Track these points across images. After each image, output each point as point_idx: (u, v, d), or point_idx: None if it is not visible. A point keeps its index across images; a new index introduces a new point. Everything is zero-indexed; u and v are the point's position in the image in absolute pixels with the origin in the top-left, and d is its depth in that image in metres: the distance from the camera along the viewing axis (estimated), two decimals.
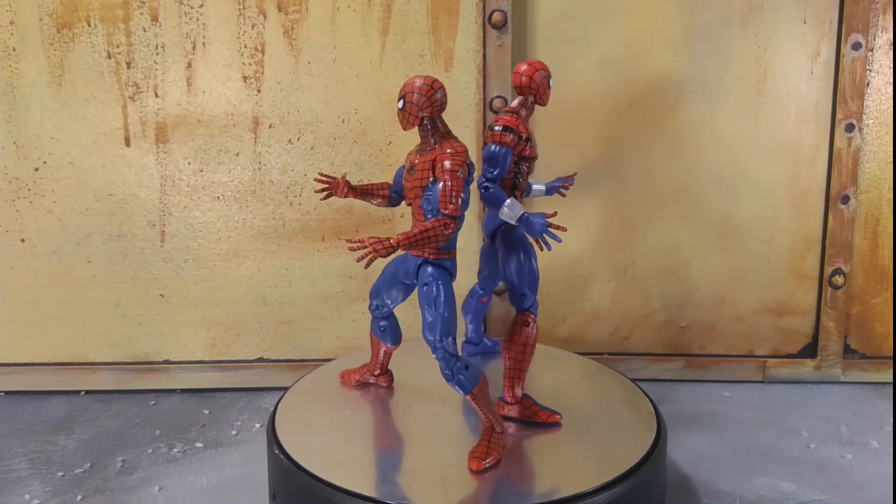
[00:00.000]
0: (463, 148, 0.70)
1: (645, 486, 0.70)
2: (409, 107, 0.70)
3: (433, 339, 0.69)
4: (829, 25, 1.05)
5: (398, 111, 0.71)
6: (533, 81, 0.78)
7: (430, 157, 0.70)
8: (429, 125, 0.70)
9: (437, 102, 0.70)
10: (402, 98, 0.70)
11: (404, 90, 0.70)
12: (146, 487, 0.85)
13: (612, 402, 0.83)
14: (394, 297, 0.79)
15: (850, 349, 1.13)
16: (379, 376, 0.87)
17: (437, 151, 0.70)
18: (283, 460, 0.72)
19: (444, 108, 0.71)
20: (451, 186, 0.68)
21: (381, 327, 0.82)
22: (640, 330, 1.13)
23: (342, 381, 0.89)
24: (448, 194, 0.68)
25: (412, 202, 0.72)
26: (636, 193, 1.10)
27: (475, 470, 0.69)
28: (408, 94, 0.69)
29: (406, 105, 0.70)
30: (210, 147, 1.06)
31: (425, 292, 0.70)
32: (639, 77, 1.07)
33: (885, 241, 1.09)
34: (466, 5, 1.04)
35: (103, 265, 1.09)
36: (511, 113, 0.78)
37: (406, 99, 0.69)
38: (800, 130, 1.07)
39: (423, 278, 0.71)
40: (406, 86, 0.70)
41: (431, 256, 0.71)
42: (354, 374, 0.88)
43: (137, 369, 1.11)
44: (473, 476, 0.69)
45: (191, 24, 1.03)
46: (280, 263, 1.09)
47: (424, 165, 0.70)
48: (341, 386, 0.88)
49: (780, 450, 0.93)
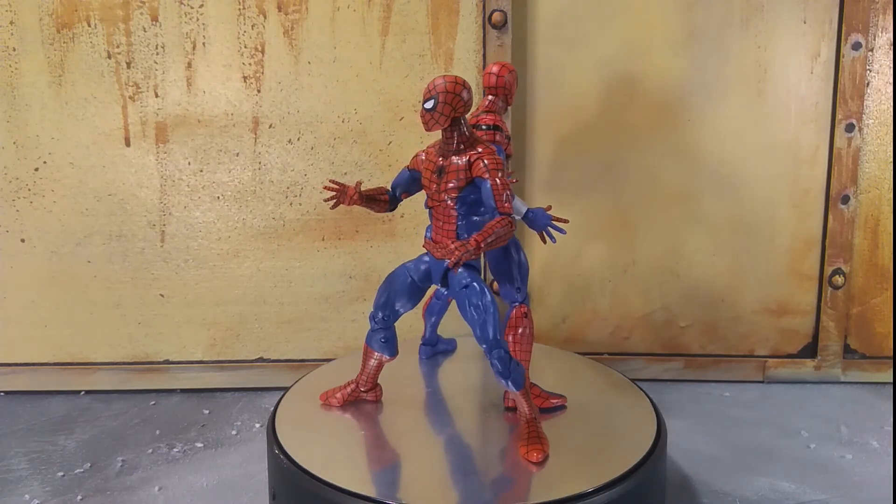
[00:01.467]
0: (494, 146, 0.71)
1: (645, 486, 0.70)
2: (442, 107, 0.68)
3: (491, 338, 0.69)
4: (829, 25, 1.05)
5: (426, 112, 0.69)
6: (507, 82, 0.81)
7: (463, 157, 0.69)
8: (456, 125, 0.70)
9: (468, 102, 0.69)
10: (431, 98, 0.68)
11: (435, 90, 0.68)
12: (146, 487, 0.85)
13: (612, 402, 0.83)
14: (406, 306, 0.77)
15: (850, 349, 1.13)
16: (369, 391, 0.83)
17: (471, 151, 0.69)
18: (283, 460, 0.72)
19: (471, 107, 0.71)
20: (502, 185, 0.68)
21: (383, 339, 0.78)
22: (640, 330, 1.14)
23: (325, 403, 0.82)
24: (501, 193, 0.68)
25: (438, 204, 0.71)
26: (636, 193, 1.10)
27: (538, 461, 0.69)
28: (440, 93, 0.68)
29: (438, 105, 0.68)
30: (210, 147, 1.06)
31: (468, 293, 0.70)
32: (639, 77, 1.07)
33: (885, 241, 1.10)
34: (466, 5, 1.04)
35: (103, 265, 1.09)
36: (489, 112, 0.79)
37: (438, 99, 0.68)
38: (800, 130, 1.07)
39: (460, 280, 0.71)
40: (436, 86, 0.68)
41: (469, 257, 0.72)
42: (339, 393, 0.82)
43: (137, 369, 1.11)
44: (533, 467, 0.69)
45: (191, 24, 1.03)
46: (280, 263, 1.09)
47: (459, 166, 0.69)
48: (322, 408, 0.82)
49: (780, 450, 0.93)
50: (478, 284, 0.70)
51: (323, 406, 0.82)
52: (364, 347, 0.80)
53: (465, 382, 0.90)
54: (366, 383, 0.82)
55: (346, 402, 0.82)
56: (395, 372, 0.90)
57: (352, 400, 0.82)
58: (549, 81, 1.07)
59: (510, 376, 0.69)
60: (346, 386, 0.83)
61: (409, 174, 0.76)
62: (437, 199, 0.71)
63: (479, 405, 0.84)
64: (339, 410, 0.82)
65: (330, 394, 0.83)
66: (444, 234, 0.73)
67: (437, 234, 0.73)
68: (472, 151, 0.70)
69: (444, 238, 0.73)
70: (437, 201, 0.72)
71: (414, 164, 0.75)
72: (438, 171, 0.71)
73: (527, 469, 0.71)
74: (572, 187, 1.09)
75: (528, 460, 0.70)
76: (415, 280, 0.75)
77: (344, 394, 0.82)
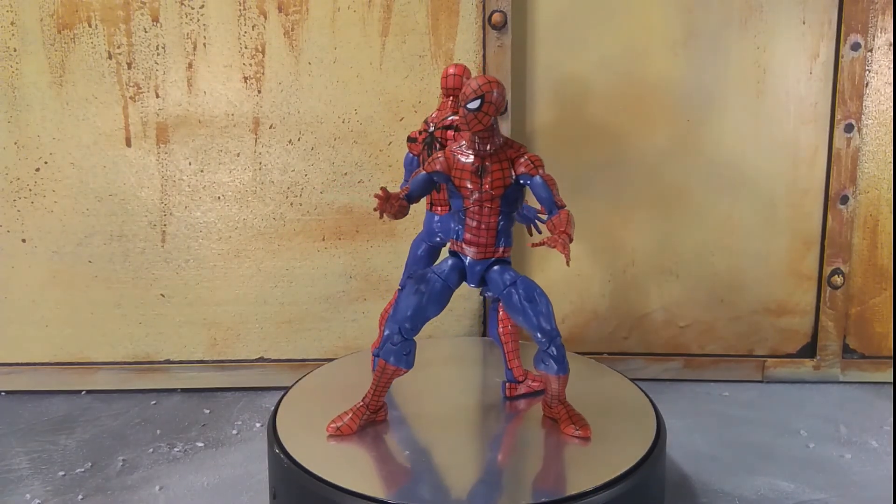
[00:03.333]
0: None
1: (645, 486, 0.70)
2: (488, 107, 0.68)
3: (551, 329, 0.70)
4: (828, 26, 1.05)
5: (469, 112, 0.68)
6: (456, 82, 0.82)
7: (503, 156, 0.70)
8: (495, 124, 0.70)
9: (505, 102, 0.71)
10: (477, 98, 0.67)
11: (480, 90, 0.67)
12: (147, 487, 0.86)
13: (612, 401, 0.83)
14: (437, 312, 0.74)
15: (849, 349, 1.13)
16: (379, 411, 0.78)
17: (509, 150, 0.71)
18: (284, 460, 0.72)
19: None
20: (552, 180, 0.70)
21: (406, 352, 0.73)
22: (639, 330, 1.14)
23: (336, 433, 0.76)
24: (553, 185, 0.70)
25: (478, 205, 0.71)
26: (635, 193, 1.10)
27: (590, 436, 0.74)
28: (486, 93, 0.67)
29: (484, 105, 0.68)
30: (211, 147, 1.06)
31: (519, 287, 0.71)
32: (639, 77, 1.07)
33: (884, 241, 1.10)
34: (466, 6, 1.04)
35: (104, 265, 1.09)
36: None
37: (485, 98, 0.67)
38: (799, 131, 1.07)
39: (505, 278, 0.72)
40: (480, 86, 0.68)
41: (506, 255, 0.73)
42: (349, 420, 0.76)
43: (138, 369, 1.11)
44: (584, 443, 0.73)
45: (191, 24, 1.03)
46: (280, 263, 1.10)
47: (502, 165, 0.70)
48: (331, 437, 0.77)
49: (780, 449, 0.93)
50: (527, 279, 0.72)
51: (335, 437, 0.75)
52: (380, 365, 0.74)
53: (464, 382, 0.90)
54: (377, 402, 0.77)
55: (360, 427, 0.77)
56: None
57: (364, 424, 0.77)
58: (549, 81, 1.07)
59: (563, 361, 0.72)
60: (356, 412, 0.77)
61: (428, 177, 0.72)
62: (478, 199, 0.71)
63: (480, 405, 0.84)
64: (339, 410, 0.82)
65: (338, 424, 0.76)
66: (480, 234, 0.72)
67: (471, 234, 0.72)
68: (510, 150, 0.71)
69: (479, 239, 0.72)
70: (476, 202, 0.71)
71: (435, 166, 0.72)
72: (478, 172, 0.70)
73: (527, 469, 0.71)
74: (572, 187, 1.09)
75: (582, 437, 0.74)
76: (448, 284, 0.73)
77: (356, 419, 0.76)
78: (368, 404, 0.77)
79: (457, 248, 0.74)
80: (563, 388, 0.75)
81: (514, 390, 0.84)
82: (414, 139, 0.84)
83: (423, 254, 0.87)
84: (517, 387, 0.84)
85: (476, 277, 0.73)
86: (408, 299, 0.72)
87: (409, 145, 0.85)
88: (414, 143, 0.84)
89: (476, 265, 0.73)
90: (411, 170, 0.87)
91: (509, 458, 0.72)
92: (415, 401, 0.84)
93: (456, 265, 0.73)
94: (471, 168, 0.70)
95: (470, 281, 0.74)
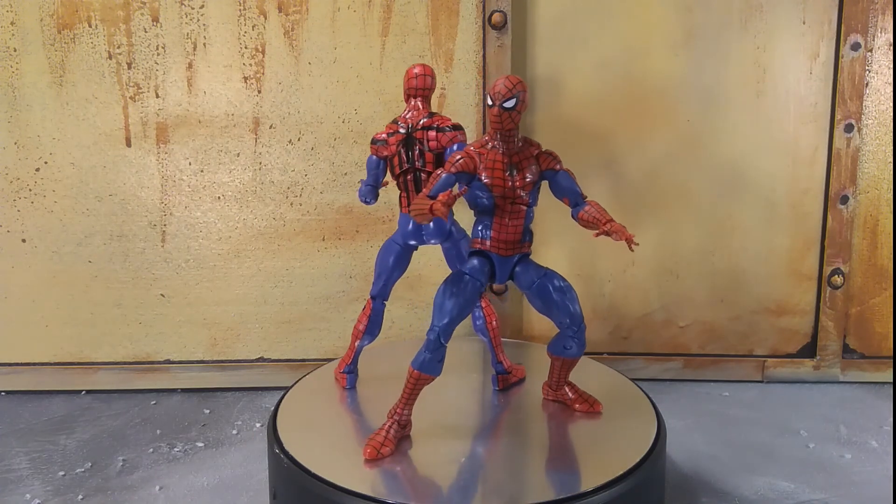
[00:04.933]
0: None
1: (645, 486, 0.70)
2: (521, 105, 0.70)
3: (579, 315, 0.75)
4: (828, 26, 1.05)
5: (504, 111, 0.69)
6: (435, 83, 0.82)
7: (527, 152, 0.72)
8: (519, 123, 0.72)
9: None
10: (513, 97, 0.69)
11: (515, 89, 0.69)
12: (147, 487, 0.86)
13: (612, 401, 0.83)
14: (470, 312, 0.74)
15: (849, 349, 1.13)
16: (407, 426, 0.75)
17: (531, 147, 0.73)
18: (284, 460, 0.72)
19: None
20: (572, 172, 0.74)
21: (440, 359, 0.72)
22: (639, 330, 1.14)
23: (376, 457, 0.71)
24: (576, 179, 0.74)
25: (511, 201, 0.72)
26: (636, 193, 1.10)
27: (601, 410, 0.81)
28: (520, 92, 0.69)
29: (518, 104, 0.69)
30: (211, 147, 1.06)
31: (549, 279, 0.74)
32: (639, 77, 1.07)
33: (884, 241, 1.10)
34: (466, 6, 1.04)
35: (104, 265, 1.09)
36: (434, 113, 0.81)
37: (519, 98, 0.69)
38: (799, 131, 1.07)
39: (535, 271, 0.74)
40: (514, 85, 0.69)
41: (529, 249, 0.75)
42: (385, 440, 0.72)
43: (138, 369, 1.11)
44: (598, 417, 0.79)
45: (191, 24, 1.03)
46: (280, 263, 1.10)
47: (529, 162, 0.72)
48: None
49: (780, 449, 0.93)
50: (552, 270, 0.75)
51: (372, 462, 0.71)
52: (413, 375, 0.72)
53: (465, 382, 0.90)
54: (408, 415, 0.74)
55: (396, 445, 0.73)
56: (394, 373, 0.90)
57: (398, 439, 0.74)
58: (548, 81, 1.07)
59: (584, 343, 0.77)
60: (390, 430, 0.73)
61: (454, 179, 0.71)
62: (511, 195, 0.71)
63: (480, 405, 0.84)
64: (339, 409, 0.82)
65: (376, 447, 0.72)
66: (510, 231, 0.73)
67: (502, 231, 0.73)
68: (531, 147, 0.73)
69: (508, 236, 0.73)
70: (508, 198, 0.72)
71: (466, 166, 0.71)
72: (509, 169, 0.71)
73: (527, 469, 0.71)
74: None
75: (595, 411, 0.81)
76: (481, 284, 0.73)
77: (391, 438, 0.73)
78: (400, 419, 0.74)
79: (484, 247, 0.74)
80: (571, 370, 0.81)
81: (506, 381, 0.88)
82: (382, 141, 0.82)
83: (398, 257, 0.85)
84: (508, 378, 0.88)
85: (505, 274, 0.74)
86: (447, 303, 0.71)
87: (377, 147, 0.82)
88: (382, 145, 0.82)
89: (505, 262, 0.74)
90: (377, 173, 0.84)
91: (509, 459, 0.72)
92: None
93: (484, 264, 0.74)
94: (502, 166, 0.71)
95: (499, 279, 0.74)
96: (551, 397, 0.83)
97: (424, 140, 0.79)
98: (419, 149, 0.80)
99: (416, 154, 0.80)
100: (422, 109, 0.81)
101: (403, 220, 0.84)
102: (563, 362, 0.79)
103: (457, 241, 0.84)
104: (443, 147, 0.79)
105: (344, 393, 0.87)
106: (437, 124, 0.79)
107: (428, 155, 0.79)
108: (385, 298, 0.86)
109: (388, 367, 0.92)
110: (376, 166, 0.84)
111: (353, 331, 0.88)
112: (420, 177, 0.80)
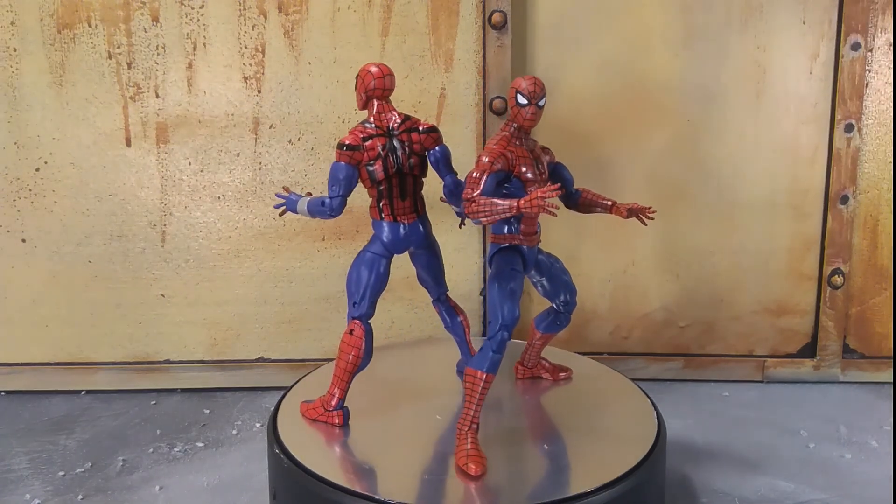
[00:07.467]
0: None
1: (644, 486, 0.70)
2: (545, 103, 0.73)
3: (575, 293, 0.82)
4: (828, 26, 1.05)
5: (539, 109, 0.73)
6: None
7: (539, 148, 0.77)
8: None
9: None
10: (543, 97, 0.73)
11: (543, 89, 0.73)
12: (147, 487, 0.86)
13: (612, 402, 0.83)
14: None
15: (849, 349, 1.13)
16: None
17: (537, 142, 0.77)
18: (284, 460, 0.72)
19: None
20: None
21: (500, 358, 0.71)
22: (639, 330, 1.14)
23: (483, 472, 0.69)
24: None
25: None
26: (635, 193, 1.10)
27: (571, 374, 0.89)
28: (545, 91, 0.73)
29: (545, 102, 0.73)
30: (211, 147, 1.06)
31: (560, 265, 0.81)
32: (639, 77, 1.07)
33: (885, 241, 1.10)
34: (466, 6, 1.04)
35: (104, 265, 1.09)
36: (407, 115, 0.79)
37: (544, 96, 0.73)
38: (799, 131, 1.07)
39: (548, 256, 0.80)
40: (542, 84, 0.73)
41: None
42: (480, 455, 0.70)
43: (138, 369, 1.11)
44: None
45: (191, 24, 1.03)
46: (280, 263, 1.10)
47: (543, 156, 0.77)
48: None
49: (780, 449, 0.93)
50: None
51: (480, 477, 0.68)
52: (486, 380, 0.70)
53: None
54: (478, 419, 0.72)
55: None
56: (395, 372, 0.90)
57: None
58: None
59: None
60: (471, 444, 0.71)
61: (497, 177, 0.71)
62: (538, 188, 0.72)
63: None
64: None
65: (469, 462, 0.69)
66: (535, 221, 0.76)
67: (528, 224, 0.75)
68: (536, 142, 0.77)
69: (534, 227, 0.76)
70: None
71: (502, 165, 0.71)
72: (535, 163, 0.74)
73: (527, 469, 0.71)
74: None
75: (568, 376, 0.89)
76: (523, 276, 0.76)
77: (477, 446, 0.71)
78: (471, 424, 0.71)
79: (515, 241, 0.75)
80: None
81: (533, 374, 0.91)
82: (358, 146, 0.74)
83: (385, 270, 0.78)
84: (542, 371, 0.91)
85: (532, 264, 0.77)
86: (507, 300, 0.70)
87: (349, 154, 0.74)
88: (356, 151, 0.74)
89: (531, 253, 0.76)
90: (349, 183, 0.75)
91: (509, 459, 0.72)
92: (416, 401, 0.84)
93: (518, 257, 0.75)
94: (532, 162, 0.74)
95: (528, 269, 0.77)
96: (527, 375, 0.89)
97: (408, 142, 0.76)
98: (407, 151, 0.76)
99: (405, 157, 0.76)
100: (392, 111, 0.77)
101: (391, 228, 0.77)
102: (548, 338, 0.86)
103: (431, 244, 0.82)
104: (426, 149, 0.77)
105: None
106: (416, 125, 0.77)
107: (414, 158, 0.77)
108: (371, 317, 0.78)
109: (388, 366, 0.92)
110: (351, 174, 0.75)
111: (338, 361, 0.77)
112: (407, 181, 0.77)
